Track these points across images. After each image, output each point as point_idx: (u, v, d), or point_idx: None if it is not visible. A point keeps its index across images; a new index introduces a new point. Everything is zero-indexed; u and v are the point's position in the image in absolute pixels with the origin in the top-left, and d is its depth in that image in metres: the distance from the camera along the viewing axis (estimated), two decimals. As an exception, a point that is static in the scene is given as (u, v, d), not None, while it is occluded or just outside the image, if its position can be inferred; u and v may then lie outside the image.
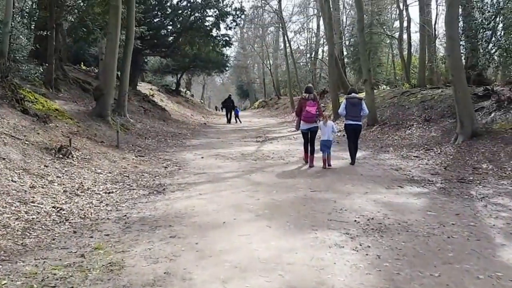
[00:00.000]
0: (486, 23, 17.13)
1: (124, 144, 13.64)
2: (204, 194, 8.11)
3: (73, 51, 27.68)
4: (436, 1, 29.80)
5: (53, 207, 6.77)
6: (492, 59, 18.02)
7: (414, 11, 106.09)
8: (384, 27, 38.78)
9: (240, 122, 31.15)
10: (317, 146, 11.57)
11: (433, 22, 30.04)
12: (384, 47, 41.80)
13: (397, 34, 36.53)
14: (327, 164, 10.93)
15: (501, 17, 16.41)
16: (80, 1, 18.46)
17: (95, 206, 7.16)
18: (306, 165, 11.31)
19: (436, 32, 32.32)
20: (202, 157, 12.85)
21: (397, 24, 40.65)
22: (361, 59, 21.99)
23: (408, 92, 22.27)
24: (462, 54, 25.51)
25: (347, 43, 40.70)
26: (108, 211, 6.94)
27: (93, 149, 11.36)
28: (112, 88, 15.89)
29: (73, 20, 19.19)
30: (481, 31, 18.74)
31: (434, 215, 6.59)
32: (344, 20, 42.72)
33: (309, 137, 11.42)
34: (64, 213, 6.57)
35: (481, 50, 22.01)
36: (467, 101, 13.91)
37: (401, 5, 33.03)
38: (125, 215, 6.66)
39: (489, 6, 17.70)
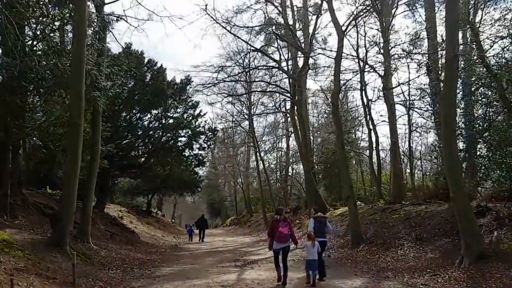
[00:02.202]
0: (477, 136, 15.89)
1: (83, 279, 11.10)
2: None
3: (37, 174, 25.35)
4: (408, 118, 29.05)
5: None
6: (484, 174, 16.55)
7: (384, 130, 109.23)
8: (352, 145, 38.16)
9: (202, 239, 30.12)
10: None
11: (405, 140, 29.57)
12: (353, 165, 40.94)
13: (366, 152, 35.89)
14: (313, 282, 10.85)
15: (492, 131, 15.21)
16: (41, 122, 16.56)
17: None
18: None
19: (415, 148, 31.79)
20: (175, 293, 10.42)
21: (363, 143, 40.27)
22: (342, 175, 20.54)
23: (389, 208, 20.57)
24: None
25: (316, 160, 39.70)
26: None
27: (40, 290, 8.88)
28: (71, 213, 13.56)
29: (33, 141, 17.17)
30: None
31: None
32: (312, 139, 42.09)
33: (281, 255, 11.36)
34: None
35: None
36: (471, 219, 12.18)
37: (370, 125, 32.52)
38: None
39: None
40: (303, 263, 15.37)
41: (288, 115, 36.75)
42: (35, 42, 15.57)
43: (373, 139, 32.15)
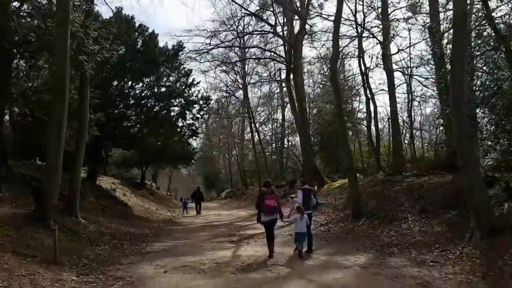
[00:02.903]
0: (485, 102, 14.87)
1: (67, 257, 10.20)
2: None
3: (26, 145, 24.27)
4: (408, 87, 28.08)
5: None
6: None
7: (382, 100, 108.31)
8: (349, 116, 37.14)
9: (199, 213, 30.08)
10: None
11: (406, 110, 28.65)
12: (351, 136, 40.00)
13: (364, 122, 35.00)
14: (301, 254, 10.82)
15: (499, 96, 14.18)
16: (26, 88, 15.48)
17: None
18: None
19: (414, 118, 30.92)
20: (166, 271, 9.49)
21: (360, 115, 39.30)
22: (342, 146, 19.49)
23: (390, 180, 19.70)
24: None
25: (313, 131, 38.73)
26: None
27: (15, 270, 7.95)
28: (55, 185, 12.60)
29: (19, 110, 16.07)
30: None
31: None
32: (308, 110, 40.99)
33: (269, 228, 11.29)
34: None
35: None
36: (482, 190, 11.25)
37: (368, 94, 31.46)
38: None
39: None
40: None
41: (283, 84, 35.67)
42: (18, 4, 14.40)
43: (371, 108, 31.25)
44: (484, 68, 15.60)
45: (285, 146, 45.80)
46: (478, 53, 15.17)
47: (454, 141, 11.95)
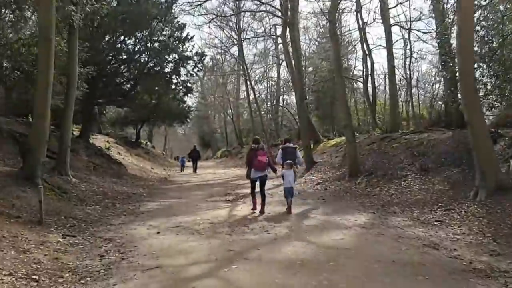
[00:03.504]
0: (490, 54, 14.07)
1: (54, 217, 9.61)
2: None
3: (19, 101, 23.31)
4: (405, 43, 27.19)
5: None
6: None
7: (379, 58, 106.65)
8: (345, 73, 36.21)
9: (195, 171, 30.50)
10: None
11: (406, 66, 27.85)
12: (346, 94, 39.17)
13: (361, 80, 34.11)
14: (290, 210, 10.86)
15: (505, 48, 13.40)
16: (12, 41, 14.54)
17: None
18: (306, 245, 7.61)
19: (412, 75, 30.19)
20: (158, 232, 8.92)
21: (356, 72, 38.37)
22: (340, 102, 18.74)
23: (388, 137, 19.10)
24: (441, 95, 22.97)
25: (308, 89, 37.84)
26: None
27: (-4, 232, 7.36)
28: (42, 142, 11.84)
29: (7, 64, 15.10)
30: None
31: None
32: (304, 68, 39.95)
33: (259, 184, 11.29)
34: None
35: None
36: (489, 147, 10.68)
37: (365, 49, 30.51)
38: None
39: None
40: (297, 196, 14.15)
41: (279, 41, 34.59)
42: None
43: (369, 65, 30.41)
44: (490, 17, 14.74)
45: (280, 104, 44.99)
46: (484, 3, 14.29)
47: (461, 94, 11.21)
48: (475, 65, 13.71)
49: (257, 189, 11.37)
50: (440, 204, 10.43)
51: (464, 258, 6.37)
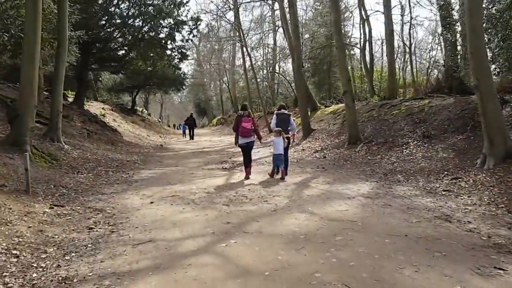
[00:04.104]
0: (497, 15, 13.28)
1: (42, 185, 9.00)
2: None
3: (10, 67, 22.37)
4: (403, 9, 26.33)
5: None
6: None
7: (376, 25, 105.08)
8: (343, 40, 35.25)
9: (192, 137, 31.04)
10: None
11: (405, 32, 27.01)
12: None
13: (358, 46, 33.27)
14: (278, 176, 10.92)
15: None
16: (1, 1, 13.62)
17: None
18: (313, 218, 7.03)
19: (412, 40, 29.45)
20: (152, 202, 8.33)
21: (352, 40, 37.43)
22: (340, 67, 17.89)
23: (388, 104, 18.46)
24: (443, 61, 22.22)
25: (305, 57, 36.91)
26: None
27: (-24, 203, 6.75)
28: (31, 107, 11.11)
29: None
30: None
31: None
32: (301, 35, 38.85)
33: (246, 150, 11.24)
34: None
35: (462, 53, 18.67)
36: (497, 113, 10.02)
37: (363, 14, 29.58)
38: None
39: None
40: (295, 165, 13.58)
41: (275, 7, 33.50)
42: None
43: (366, 31, 29.59)
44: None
45: (277, 71, 44.02)
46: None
47: (470, 58, 10.48)
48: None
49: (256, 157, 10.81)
50: (446, 173, 9.85)
51: (481, 232, 5.79)
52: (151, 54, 24.20)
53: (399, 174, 10.64)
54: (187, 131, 32.29)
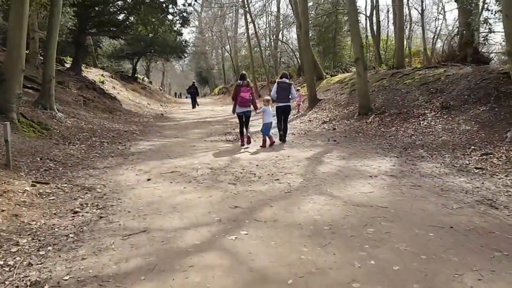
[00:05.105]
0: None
1: (27, 158, 7.93)
2: None
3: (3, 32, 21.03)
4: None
5: None
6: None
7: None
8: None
9: (198, 105, 30.65)
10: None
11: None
12: (346, 31, 36.79)
13: (364, 12, 31.73)
14: (267, 144, 10.87)
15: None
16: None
17: None
18: (333, 203, 5.97)
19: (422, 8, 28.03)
20: (149, 179, 7.28)
21: (357, 8, 35.71)
22: (352, 32, 16.52)
23: (400, 73, 17.25)
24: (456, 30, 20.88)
25: (310, 24, 35.32)
26: None
27: None
28: (17, 70, 9.89)
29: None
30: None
31: None
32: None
33: (244, 119, 11.22)
34: None
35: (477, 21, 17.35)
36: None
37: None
38: None
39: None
40: (304, 137, 12.53)
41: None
42: None
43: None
44: None
45: (280, 39, 42.39)
46: None
47: (504, 22, 9.26)
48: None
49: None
50: (472, 147, 8.78)
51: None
52: (152, 19, 22.74)
53: (420, 148, 9.57)
54: (187, 100, 31.06)
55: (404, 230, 4.60)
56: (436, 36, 33.36)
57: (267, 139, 10.95)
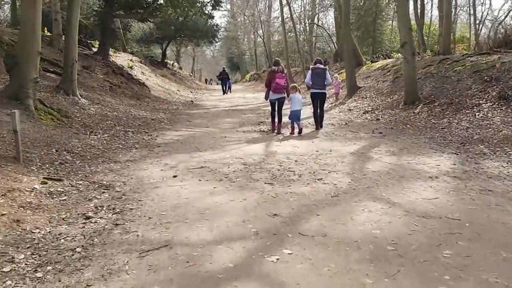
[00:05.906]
0: None
1: (41, 149, 7.26)
2: None
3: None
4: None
5: None
6: None
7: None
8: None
9: (230, 92, 30.64)
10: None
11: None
12: (387, 15, 35.33)
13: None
14: (296, 132, 10.74)
15: None
16: None
17: None
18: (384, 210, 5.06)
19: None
20: (175, 176, 6.53)
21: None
22: (399, 14, 15.32)
23: (448, 59, 16.03)
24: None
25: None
26: None
27: None
28: (33, 52, 9.25)
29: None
30: None
31: None
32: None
33: (276, 106, 11.11)
34: None
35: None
36: None
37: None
38: None
39: None
40: (345, 128, 11.60)
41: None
42: None
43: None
44: None
45: (316, 22, 41.08)
46: None
47: None
48: None
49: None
50: (544, 145, 7.71)
51: None
52: (182, 0, 21.97)
53: (480, 143, 8.51)
54: (218, 87, 30.33)
55: (488, 253, 3.69)
56: (481, 22, 31.70)
57: (296, 126, 10.80)
